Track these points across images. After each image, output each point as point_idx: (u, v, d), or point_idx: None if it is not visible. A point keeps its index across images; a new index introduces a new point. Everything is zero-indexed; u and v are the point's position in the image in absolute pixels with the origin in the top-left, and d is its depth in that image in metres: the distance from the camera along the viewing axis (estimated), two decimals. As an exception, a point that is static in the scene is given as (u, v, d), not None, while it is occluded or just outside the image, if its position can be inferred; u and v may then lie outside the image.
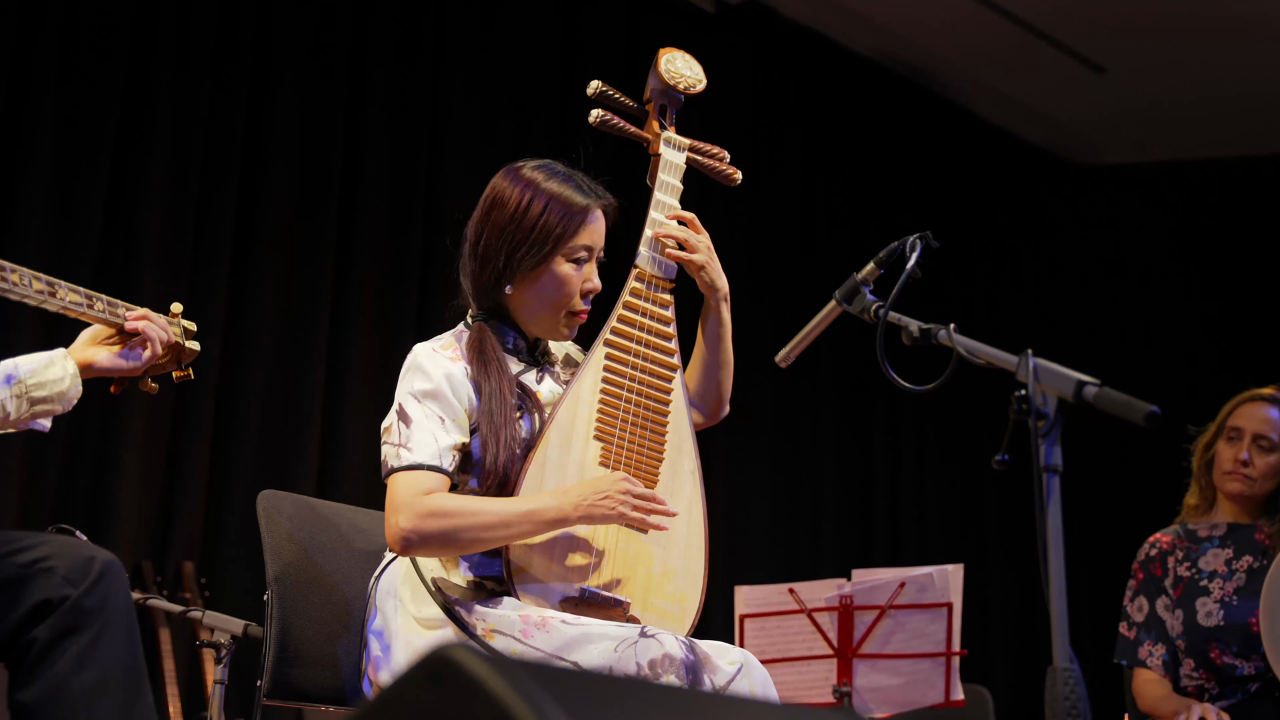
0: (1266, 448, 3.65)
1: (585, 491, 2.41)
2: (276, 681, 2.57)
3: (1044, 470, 1.86)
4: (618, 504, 2.41)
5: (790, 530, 6.24)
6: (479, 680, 1.14)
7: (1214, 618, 3.56)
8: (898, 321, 2.26)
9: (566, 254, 2.52)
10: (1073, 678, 1.79)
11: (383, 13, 5.23)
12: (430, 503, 2.37)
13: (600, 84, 2.68)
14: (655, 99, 2.73)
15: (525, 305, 2.55)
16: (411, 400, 2.45)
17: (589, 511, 2.40)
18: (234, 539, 4.59)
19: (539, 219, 2.49)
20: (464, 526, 2.36)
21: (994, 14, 6.18)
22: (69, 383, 2.34)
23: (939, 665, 3.47)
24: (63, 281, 2.37)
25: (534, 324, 2.57)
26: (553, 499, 2.40)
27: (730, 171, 2.76)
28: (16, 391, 2.28)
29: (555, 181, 2.53)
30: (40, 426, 2.39)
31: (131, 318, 2.44)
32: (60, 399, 2.33)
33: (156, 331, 2.46)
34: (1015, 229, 7.30)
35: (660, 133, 2.71)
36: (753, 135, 6.35)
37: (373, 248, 5.09)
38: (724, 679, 2.35)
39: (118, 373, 2.45)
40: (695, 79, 2.75)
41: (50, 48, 4.42)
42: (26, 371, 2.30)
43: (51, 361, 2.34)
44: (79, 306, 2.38)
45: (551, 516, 2.39)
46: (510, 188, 2.53)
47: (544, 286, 2.52)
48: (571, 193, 2.53)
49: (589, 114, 2.65)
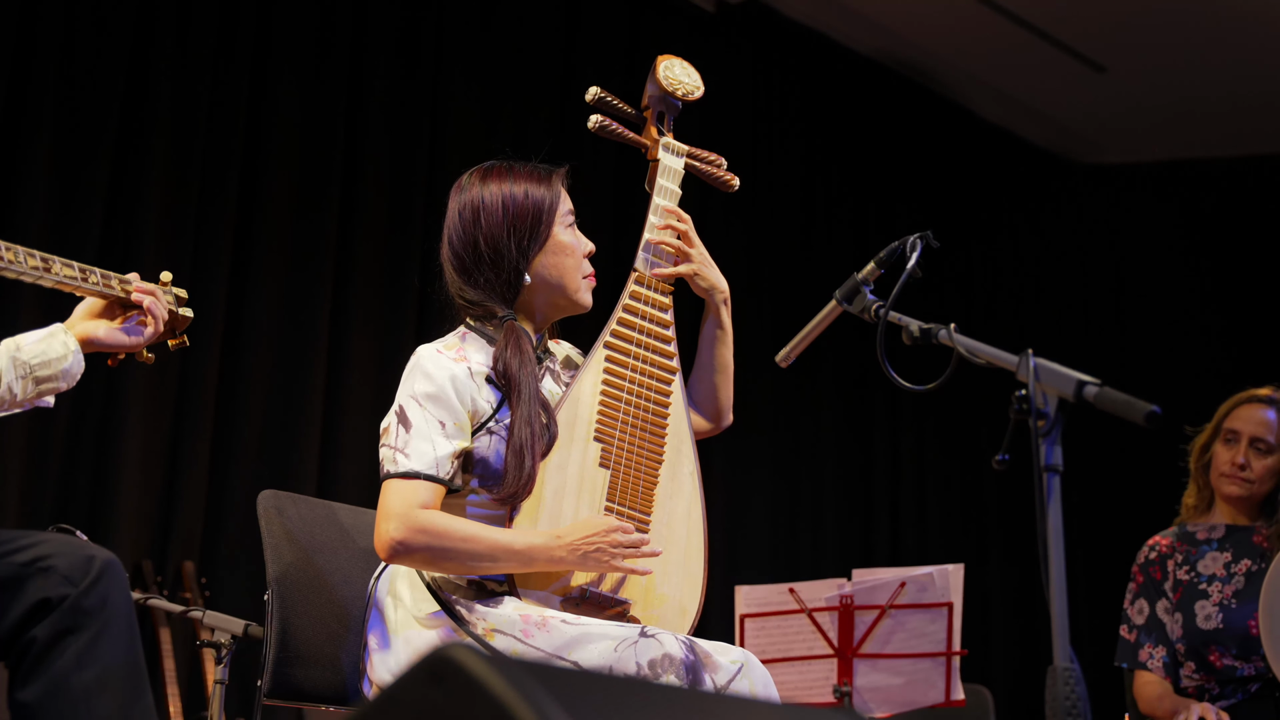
0: (1264, 450, 3.64)
1: (573, 542, 2.42)
2: (277, 681, 2.57)
3: (1044, 470, 1.86)
4: (610, 558, 2.43)
5: (790, 530, 6.24)
6: (479, 680, 1.14)
7: (1213, 621, 3.55)
8: (898, 321, 2.26)
9: (561, 220, 2.57)
10: (1073, 677, 1.79)
11: (383, 12, 5.23)
12: (423, 518, 2.37)
13: (598, 90, 2.70)
14: (653, 105, 2.76)
15: (544, 286, 2.56)
16: (413, 403, 2.45)
17: (581, 562, 2.42)
18: (234, 539, 4.59)
19: (526, 202, 2.54)
20: (452, 550, 2.37)
21: (994, 13, 6.18)
22: (71, 359, 2.34)
23: (939, 665, 3.47)
24: (57, 257, 2.37)
25: (554, 302, 2.59)
26: (545, 543, 2.41)
27: (728, 178, 2.79)
28: (21, 372, 2.28)
29: (516, 174, 2.58)
30: (45, 404, 2.39)
31: (137, 288, 2.43)
32: (63, 376, 2.33)
33: (160, 309, 2.46)
34: (1015, 229, 7.30)
35: (659, 139, 2.73)
36: (753, 135, 6.35)
37: (373, 248, 5.09)
38: (725, 677, 2.35)
39: (118, 347, 2.45)
40: (693, 86, 2.78)
41: (51, 47, 4.42)
42: (28, 350, 2.30)
43: (51, 337, 2.34)
44: (73, 281, 2.38)
45: (541, 560, 2.41)
46: (483, 192, 2.56)
47: (557, 258, 2.55)
48: (534, 174, 2.58)
49: (588, 120, 2.68)
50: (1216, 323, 7.15)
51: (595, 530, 2.43)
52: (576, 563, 2.42)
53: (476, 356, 2.52)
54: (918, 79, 6.86)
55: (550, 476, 2.47)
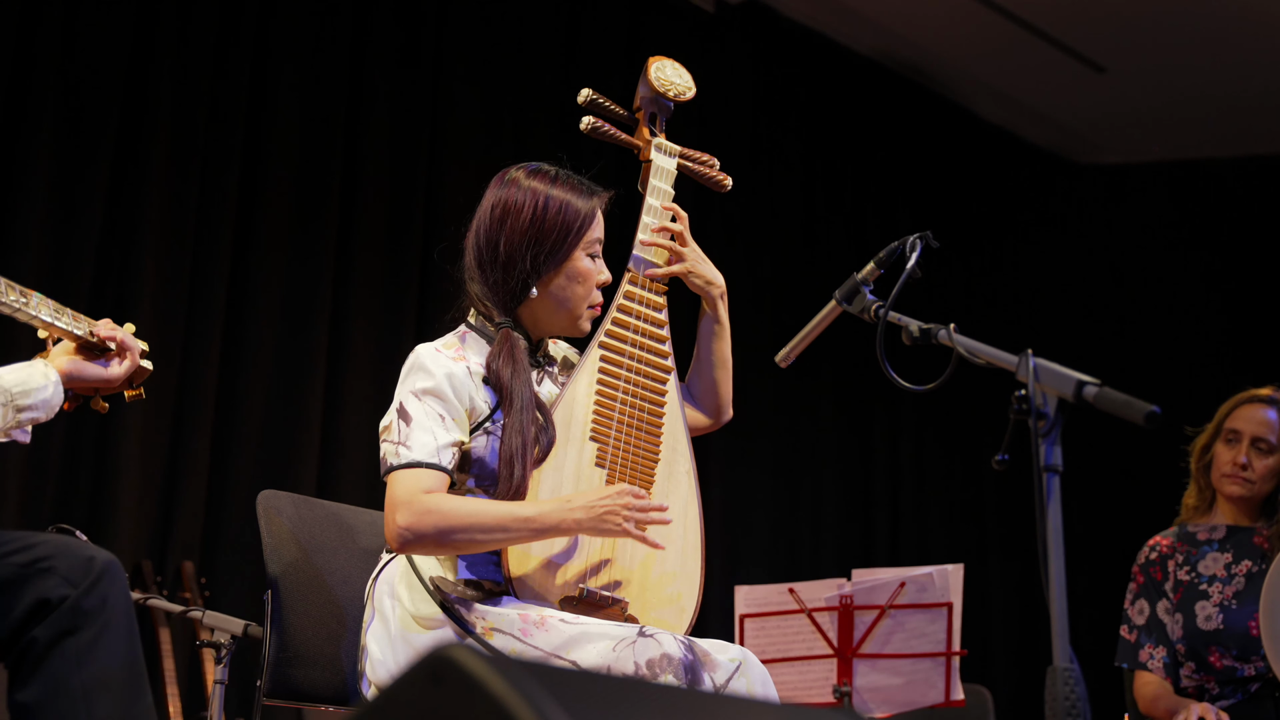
0: (1265, 450, 3.64)
1: (589, 502, 2.41)
2: (276, 681, 2.57)
3: (1044, 470, 1.86)
4: (623, 520, 2.42)
5: (790, 530, 6.24)
6: (479, 679, 1.14)
7: (1213, 621, 3.55)
8: (898, 321, 2.26)
9: (584, 248, 2.56)
10: (1073, 677, 1.79)
11: (383, 13, 5.23)
12: (429, 501, 2.38)
13: (591, 92, 2.72)
14: (645, 106, 2.78)
15: (549, 305, 2.57)
16: (412, 398, 2.46)
17: (594, 525, 2.41)
18: (234, 539, 4.59)
19: (557, 219, 2.53)
20: (461, 527, 2.37)
21: (994, 13, 6.18)
22: (52, 390, 2.35)
23: (939, 665, 3.47)
24: (35, 292, 2.39)
25: (555, 322, 2.59)
26: (554, 507, 2.41)
27: (720, 178, 2.80)
28: (2, 400, 2.29)
29: (560, 185, 2.57)
30: (23, 436, 2.39)
31: (102, 329, 2.45)
32: (43, 406, 2.34)
33: (132, 341, 2.48)
34: (1015, 229, 7.30)
35: (651, 139, 2.75)
36: (753, 135, 6.35)
37: (373, 248, 5.09)
38: (724, 675, 2.36)
39: (96, 381, 2.46)
40: (685, 86, 2.79)
41: (51, 48, 4.42)
42: (10, 380, 2.31)
43: (32, 368, 2.35)
44: (49, 318, 2.39)
45: (552, 524, 2.40)
46: (519, 195, 2.56)
47: (568, 283, 2.55)
48: (577, 191, 2.57)
49: (580, 121, 2.68)
50: (1216, 323, 7.15)
51: (607, 493, 2.43)
52: (590, 525, 2.40)
53: (475, 358, 2.52)
54: (918, 79, 6.86)
55: (546, 476, 2.48)
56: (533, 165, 2.61)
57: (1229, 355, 6.93)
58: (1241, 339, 7.03)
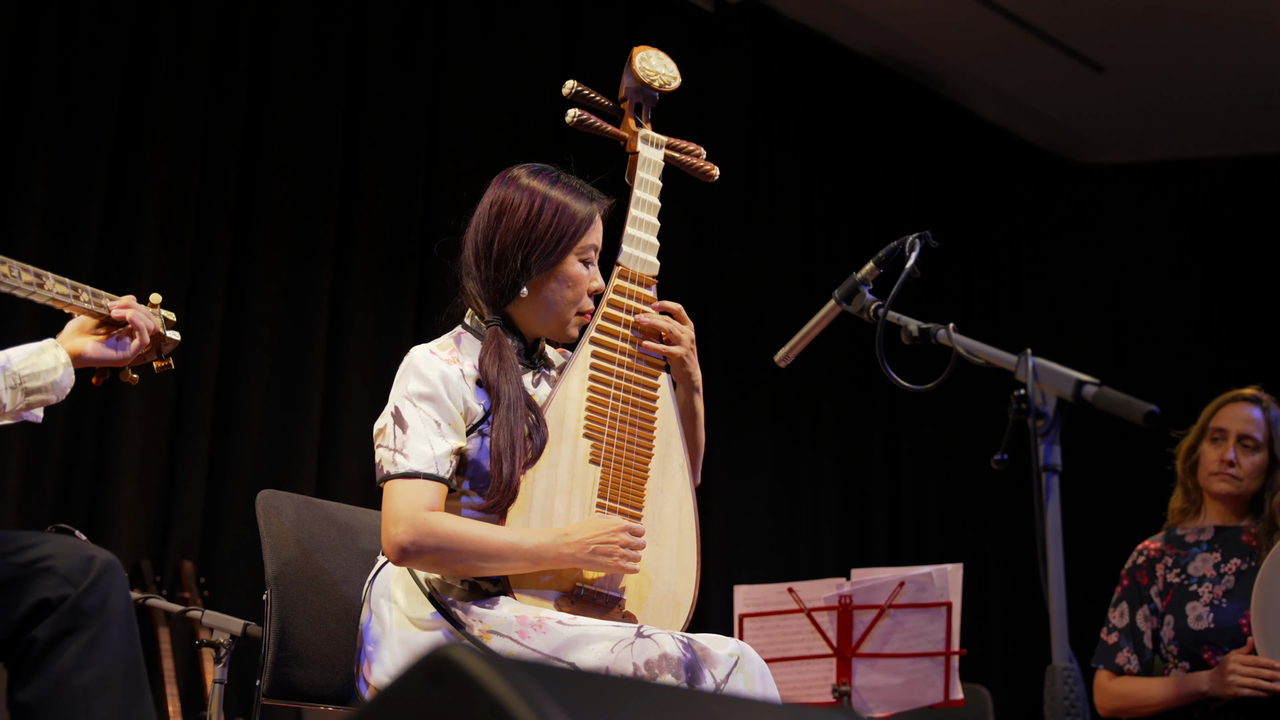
0: (1251, 447, 3.64)
1: (586, 537, 2.43)
2: (276, 681, 2.57)
3: (1043, 470, 1.86)
4: (620, 559, 2.44)
5: (790, 530, 6.24)
6: (478, 680, 1.14)
7: (1204, 621, 3.55)
8: (897, 321, 2.26)
9: (578, 253, 2.55)
10: (1072, 677, 1.79)
11: (382, 13, 5.23)
12: (431, 521, 2.38)
13: (575, 83, 2.70)
14: (630, 97, 2.75)
15: (537, 307, 2.56)
16: (407, 404, 2.45)
17: (590, 559, 2.43)
18: (234, 539, 4.59)
19: (552, 222, 2.53)
20: (463, 552, 2.38)
21: (994, 13, 6.18)
22: (61, 372, 2.35)
23: (938, 665, 3.47)
24: (50, 273, 2.38)
25: (543, 325, 2.59)
26: (553, 541, 2.42)
27: (707, 168, 2.79)
28: (10, 383, 2.29)
29: (559, 188, 2.57)
30: (34, 417, 2.40)
31: (116, 306, 2.45)
32: (53, 388, 2.34)
33: (144, 320, 2.48)
34: (1015, 229, 7.30)
35: (637, 130, 2.72)
36: (752, 135, 6.35)
37: (372, 247, 5.09)
38: (723, 670, 2.35)
39: (106, 362, 2.46)
40: (670, 76, 2.76)
41: (50, 47, 4.42)
42: (19, 363, 2.31)
43: (43, 351, 2.35)
44: (66, 297, 2.39)
45: (550, 558, 2.42)
46: (517, 195, 2.55)
47: (558, 286, 2.55)
48: (576, 196, 2.57)
49: (565, 114, 2.67)
50: (1216, 323, 7.15)
51: (605, 529, 2.44)
52: (585, 560, 2.42)
53: (469, 359, 2.52)
54: (918, 79, 6.86)
55: (541, 475, 2.47)
56: (536, 166, 2.61)
57: (1228, 355, 6.93)
58: (1241, 339, 7.02)
